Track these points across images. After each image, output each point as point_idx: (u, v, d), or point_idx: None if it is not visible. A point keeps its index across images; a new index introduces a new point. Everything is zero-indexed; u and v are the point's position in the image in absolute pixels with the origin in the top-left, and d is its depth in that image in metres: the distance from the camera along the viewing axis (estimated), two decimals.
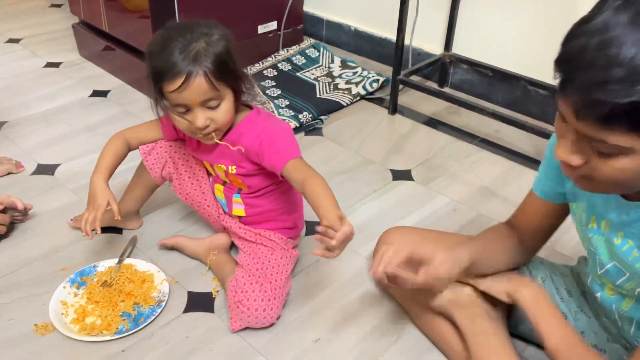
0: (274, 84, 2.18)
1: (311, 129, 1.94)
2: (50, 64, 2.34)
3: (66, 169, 1.69)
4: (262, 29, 2.27)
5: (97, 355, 1.13)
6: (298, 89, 2.14)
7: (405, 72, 2.04)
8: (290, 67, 2.29)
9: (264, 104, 2.00)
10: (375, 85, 2.17)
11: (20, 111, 1.99)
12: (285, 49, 2.37)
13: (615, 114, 0.62)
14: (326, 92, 2.13)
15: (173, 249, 1.39)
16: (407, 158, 1.80)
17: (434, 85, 2.24)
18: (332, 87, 2.16)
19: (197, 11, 1.95)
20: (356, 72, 2.26)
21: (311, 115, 1.96)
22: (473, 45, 2.12)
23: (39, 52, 2.44)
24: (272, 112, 1.96)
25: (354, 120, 2.01)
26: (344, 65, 2.32)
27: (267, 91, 2.11)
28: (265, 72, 2.24)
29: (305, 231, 1.44)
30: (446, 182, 1.69)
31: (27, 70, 2.28)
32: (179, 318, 1.22)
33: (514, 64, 2.02)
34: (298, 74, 2.26)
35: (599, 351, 0.98)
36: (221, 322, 1.21)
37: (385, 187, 1.67)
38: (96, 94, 2.13)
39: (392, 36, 2.00)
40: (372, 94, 2.17)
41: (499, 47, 2.05)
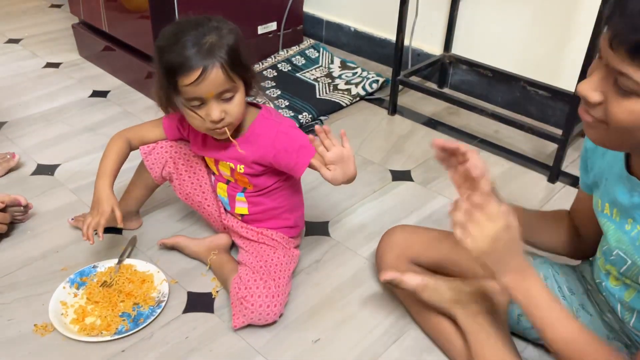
0: (273, 84, 2.18)
1: (311, 130, 1.94)
2: (50, 64, 2.34)
3: (66, 169, 1.69)
4: (262, 29, 2.27)
5: (96, 355, 1.13)
6: (298, 89, 2.14)
7: (405, 72, 2.04)
8: (290, 68, 2.29)
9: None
10: (374, 85, 2.17)
11: (20, 111, 1.99)
12: (285, 50, 2.37)
13: None
14: (326, 93, 2.13)
15: (173, 249, 1.39)
16: (407, 158, 1.80)
17: (433, 86, 2.24)
18: (331, 88, 2.16)
19: (197, 11, 1.94)
20: (356, 72, 2.27)
21: (311, 116, 1.96)
22: (472, 46, 2.12)
23: (38, 52, 2.44)
24: None
25: (353, 120, 2.01)
26: (343, 65, 2.32)
27: (266, 92, 2.11)
28: (265, 72, 2.24)
29: (306, 231, 1.45)
30: (446, 183, 1.68)
31: (27, 70, 2.28)
32: (178, 318, 1.22)
33: (513, 65, 2.03)
34: (298, 74, 2.26)
35: None
36: (221, 323, 1.21)
37: (385, 187, 1.67)
38: (96, 94, 2.13)
39: (392, 37, 2.00)
40: (371, 94, 2.17)
41: (498, 47, 2.05)
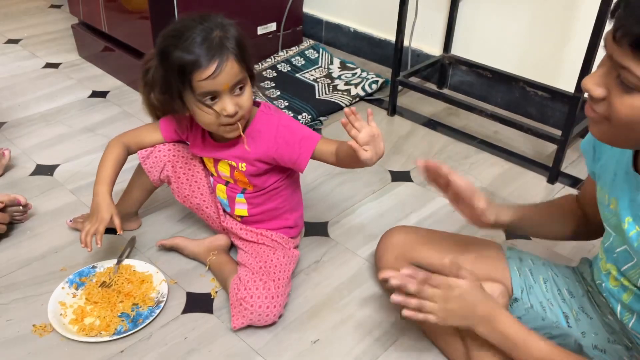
0: (273, 85, 2.18)
1: None
2: (49, 65, 2.34)
3: (65, 170, 1.69)
4: (261, 30, 2.27)
5: (95, 355, 1.13)
6: (297, 90, 2.14)
7: (405, 73, 2.04)
8: (290, 68, 2.29)
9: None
10: (374, 86, 2.17)
11: (20, 112, 1.99)
12: (284, 50, 2.37)
13: None
14: (325, 93, 2.13)
15: (172, 249, 1.39)
16: (406, 159, 1.80)
17: (433, 87, 2.24)
18: (331, 88, 2.16)
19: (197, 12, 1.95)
20: (355, 73, 2.27)
21: (310, 116, 1.96)
22: (472, 47, 2.12)
23: (38, 52, 2.44)
24: None
25: None
26: (343, 66, 2.32)
27: (266, 92, 2.11)
28: (264, 73, 2.24)
29: (305, 232, 1.44)
30: None
31: (26, 70, 2.28)
32: (177, 319, 1.22)
33: (512, 66, 2.03)
34: (297, 75, 2.26)
35: (599, 352, 0.98)
36: (220, 323, 1.21)
37: (384, 188, 1.67)
38: (95, 94, 2.13)
39: (392, 37, 2.00)
40: (371, 95, 2.17)
41: (498, 48, 2.05)
